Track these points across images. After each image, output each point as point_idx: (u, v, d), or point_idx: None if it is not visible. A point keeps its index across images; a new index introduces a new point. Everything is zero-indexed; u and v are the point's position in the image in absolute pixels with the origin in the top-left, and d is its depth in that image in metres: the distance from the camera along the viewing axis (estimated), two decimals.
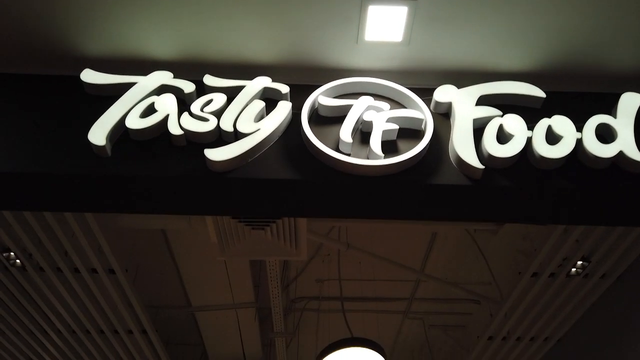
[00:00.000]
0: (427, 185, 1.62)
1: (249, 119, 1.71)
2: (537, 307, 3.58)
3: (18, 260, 3.15)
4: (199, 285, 4.52)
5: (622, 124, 1.72)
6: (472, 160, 1.61)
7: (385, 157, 1.62)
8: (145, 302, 3.96)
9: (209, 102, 1.76)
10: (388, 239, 4.58)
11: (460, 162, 1.62)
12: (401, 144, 1.71)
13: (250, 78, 1.83)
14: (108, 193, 1.65)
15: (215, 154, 1.60)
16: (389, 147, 1.68)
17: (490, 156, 1.63)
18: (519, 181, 1.62)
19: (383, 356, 3.59)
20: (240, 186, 1.62)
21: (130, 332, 3.97)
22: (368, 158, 1.64)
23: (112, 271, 3.33)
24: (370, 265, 5.07)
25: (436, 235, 4.54)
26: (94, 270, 3.32)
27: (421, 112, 1.77)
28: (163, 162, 1.62)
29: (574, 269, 3.17)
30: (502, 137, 1.70)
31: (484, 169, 1.61)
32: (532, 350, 4.07)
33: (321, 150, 1.63)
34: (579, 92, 1.92)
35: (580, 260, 3.10)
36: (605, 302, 3.53)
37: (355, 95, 1.83)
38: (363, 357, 3.57)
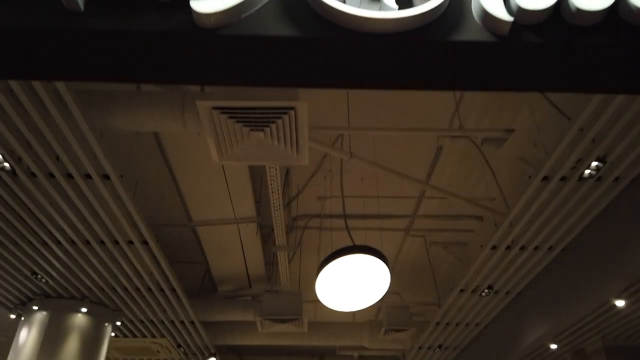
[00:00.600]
0: (446, 42, 1.42)
1: None
2: (544, 214, 3.50)
3: (7, 164, 3.01)
4: (199, 201, 4.44)
5: None
6: (499, 12, 1.40)
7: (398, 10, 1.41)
8: (147, 220, 3.89)
9: None
10: (392, 151, 4.44)
11: (485, 15, 1.42)
12: None
13: None
14: (80, 53, 1.46)
15: (203, 6, 1.39)
16: (402, 1, 1.47)
17: (520, 9, 1.42)
18: (552, 37, 1.42)
19: (385, 264, 3.55)
20: (232, 44, 1.43)
21: (131, 242, 3.93)
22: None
23: (106, 177, 3.21)
24: (373, 181, 4.97)
25: (441, 148, 4.40)
26: (88, 176, 3.20)
27: None
28: (143, 17, 1.42)
29: (587, 171, 3.04)
30: None
31: (512, 22, 1.40)
32: (536, 259, 4.05)
33: (325, 3, 1.42)
34: None
35: (595, 161, 2.96)
36: (613, 209, 3.44)
37: None
38: (366, 264, 3.53)
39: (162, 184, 4.79)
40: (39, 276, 4.31)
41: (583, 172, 3.07)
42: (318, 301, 7.49)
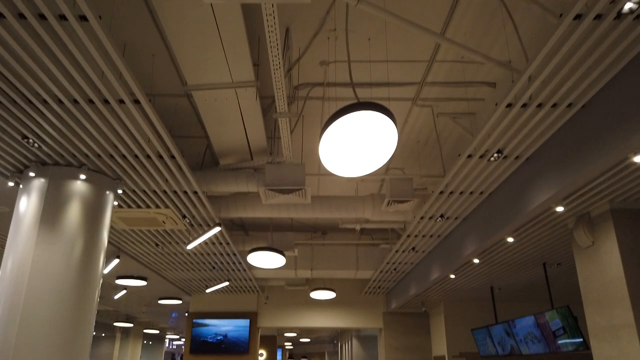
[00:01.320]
0: None
1: None
2: (570, 63, 3.19)
3: None
4: (192, 62, 4.08)
5: None
6: None
7: None
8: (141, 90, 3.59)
9: None
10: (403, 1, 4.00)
11: None
12: None
13: None
14: None
15: None
16: None
17: None
18: None
19: (393, 121, 3.32)
20: None
21: (122, 102, 3.68)
22: None
23: (83, 18, 2.85)
24: (381, 42, 4.58)
25: (457, 2, 3.94)
26: (63, 17, 2.84)
27: None
28: None
29: (628, 5, 2.66)
30: None
31: None
32: (553, 117, 3.82)
33: None
34: None
35: None
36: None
37: None
38: (372, 122, 3.30)
39: (152, 45, 4.41)
40: (31, 140, 4.12)
41: (622, 7, 2.69)
42: (321, 174, 7.48)
